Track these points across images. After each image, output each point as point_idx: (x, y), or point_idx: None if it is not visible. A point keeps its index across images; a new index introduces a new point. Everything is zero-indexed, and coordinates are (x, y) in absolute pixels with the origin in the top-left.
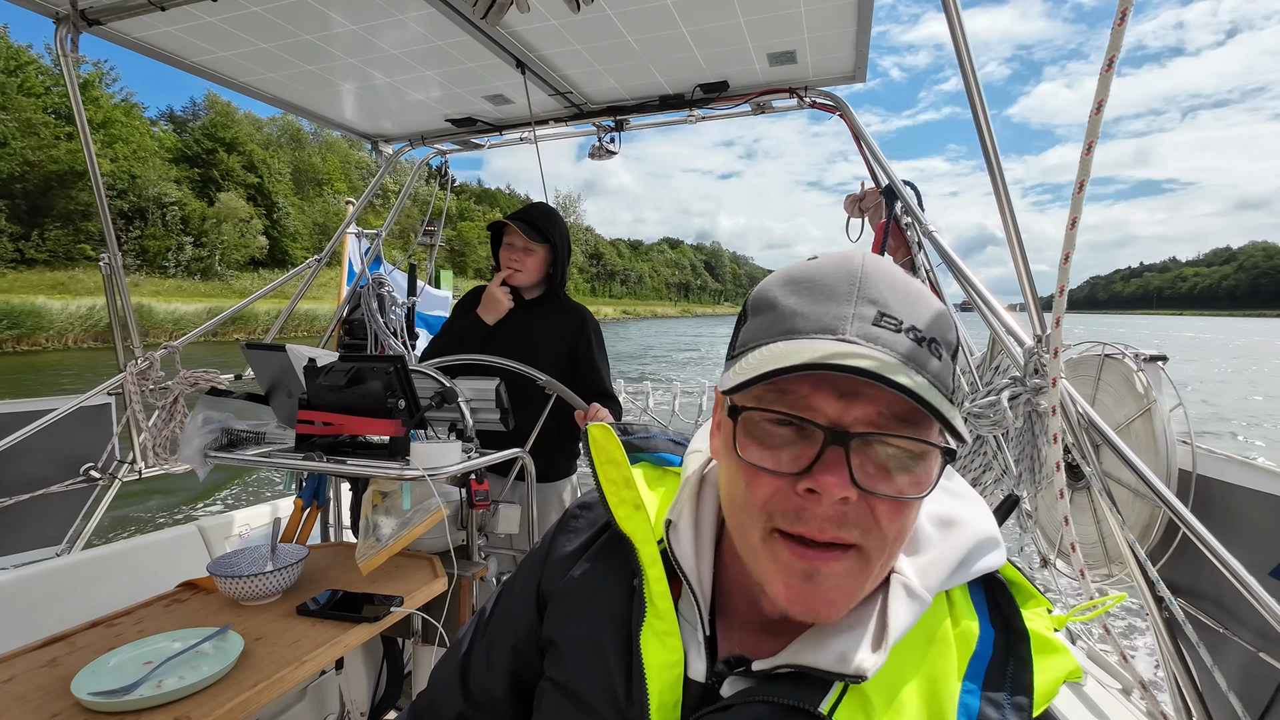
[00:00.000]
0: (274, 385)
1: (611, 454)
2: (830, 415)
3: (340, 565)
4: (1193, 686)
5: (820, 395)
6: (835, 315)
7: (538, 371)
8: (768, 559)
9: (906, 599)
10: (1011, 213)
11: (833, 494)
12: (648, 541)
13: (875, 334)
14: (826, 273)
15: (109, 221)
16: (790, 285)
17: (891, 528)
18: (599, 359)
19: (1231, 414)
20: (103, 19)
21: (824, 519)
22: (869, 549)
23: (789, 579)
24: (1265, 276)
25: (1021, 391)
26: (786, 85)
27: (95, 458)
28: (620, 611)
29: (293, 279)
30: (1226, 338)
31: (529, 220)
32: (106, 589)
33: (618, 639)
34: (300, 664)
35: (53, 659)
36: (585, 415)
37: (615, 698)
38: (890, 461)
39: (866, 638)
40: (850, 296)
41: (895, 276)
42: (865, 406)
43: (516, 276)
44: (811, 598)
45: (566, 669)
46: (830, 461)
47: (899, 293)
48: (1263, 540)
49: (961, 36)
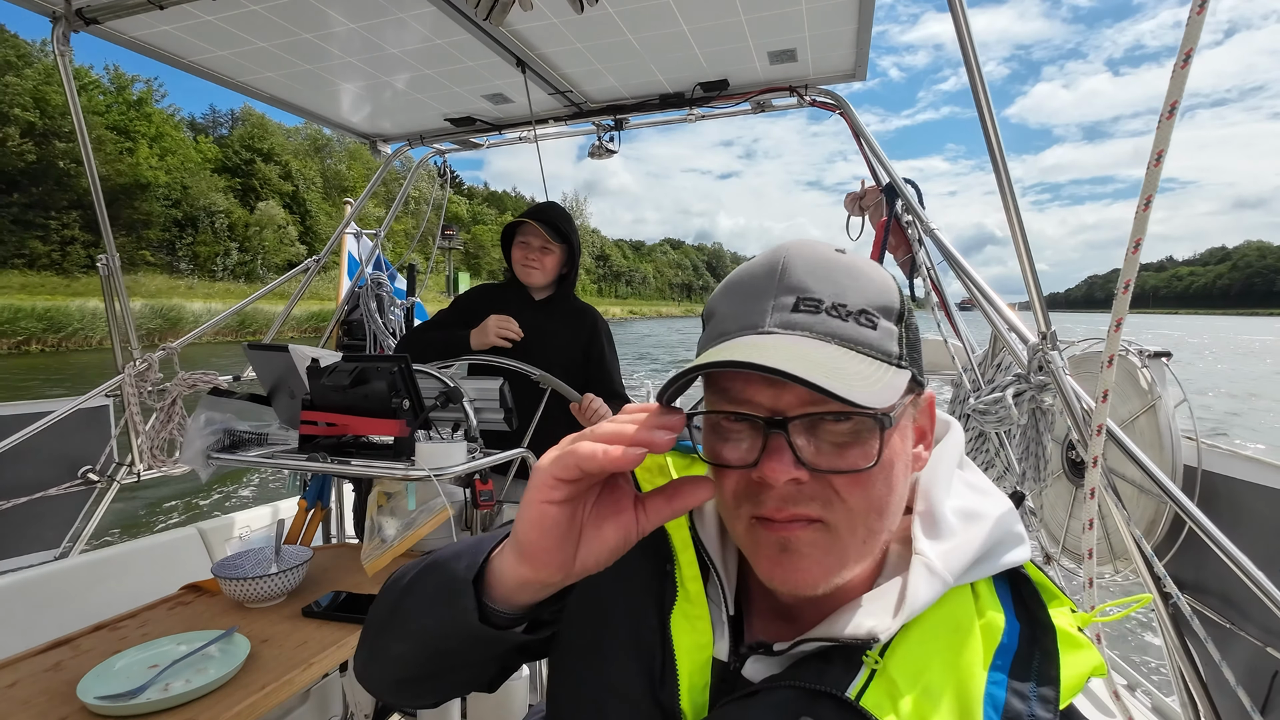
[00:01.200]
0: (276, 386)
1: None
2: (766, 405)
3: (344, 566)
4: (1199, 681)
5: (753, 387)
6: (756, 311)
7: (530, 367)
8: (751, 544)
9: (927, 576)
10: (1016, 210)
11: (777, 479)
12: (680, 526)
13: (794, 320)
14: (754, 271)
15: (106, 222)
16: (725, 289)
17: (856, 499)
18: (611, 361)
19: (1216, 410)
20: (100, 18)
21: (780, 498)
22: (833, 521)
23: (769, 553)
24: (1259, 276)
25: (1026, 388)
26: (787, 84)
27: (93, 460)
28: (652, 594)
29: (290, 280)
30: (1215, 337)
31: (549, 220)
32: (108, 592)
33: (649, 622)
34: (308, 666)
35: (57, 663)
36: (581, 407)
37: (646, 680)
38: (842, 438)
39: (884, 612)
40: (770, 289)
41: (818, 257)
42: (794, 391)
43: (533, 275)
44: (788, 567)
45: (595, 650)
46: (774, 449)
47: (821, 272)
48: (1269, 535)
49: (967, 33)
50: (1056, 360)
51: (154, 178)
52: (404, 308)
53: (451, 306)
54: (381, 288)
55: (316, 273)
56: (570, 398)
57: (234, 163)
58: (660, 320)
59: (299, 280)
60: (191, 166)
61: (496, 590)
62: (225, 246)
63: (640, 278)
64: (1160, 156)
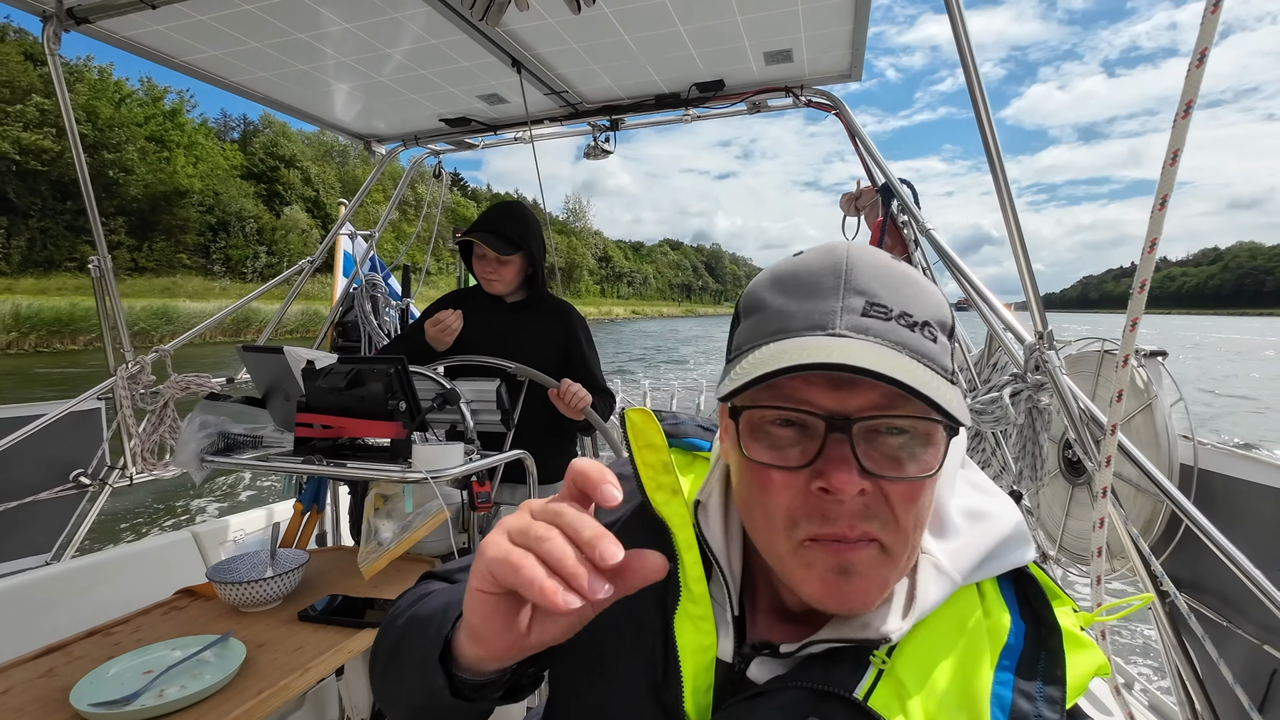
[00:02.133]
0: (271, 388)
1: (650, 438)
2: (828, 407)
3: (340, 570)
4: (1196, 679)
5: (815, 390)
6: (824, 310)
7: (506, 361)
8: (798, 565)
9: (936, 575)
10: (1013, 211)
11: (846, 491)
12: (684, 526)
13: (865, 325)
14: (812, 268)
15: (97, 223)
16: (777, 284)
17: (907, 516)
18: (591, 357)
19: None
20: (91, 17)
21: (851, 515)
22: (889, 543)
23: (825, 575)
24: (1249, 276)
25: (1022, 388)
26: (783, 84)
27: (85, 463)
28: (654, 594)
29: (284, 282)
30: (1200, 335)
31: (496, 231)
32: (101, 597)
33: (652, 622)
34: (304, 671)
35: (50, 669)
36: (559, 393)
37: (650, 681)
38: (899, 450)
39: (895, 613)
40: (837, 289)
41: (881, 263)
42: (863, 396)
43: (494, 286)
44: (846, 590)
45: (599, 651)
46: (836, 455)
47: (886, 280)
48: (1265, 533)
49: (964, 34)
50: (1053, 360)
51: (190, 185)
52: (399, 308)
53: (423, 315)
54: (376, 289)
55: (310, 274)
56: (547, 385)
57: (259, 169)
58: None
59: (298, 282)
60: (220, 174)
61: (462, 662)
62: (254, 250)
63: (641, 279)
64: (1176, 156)
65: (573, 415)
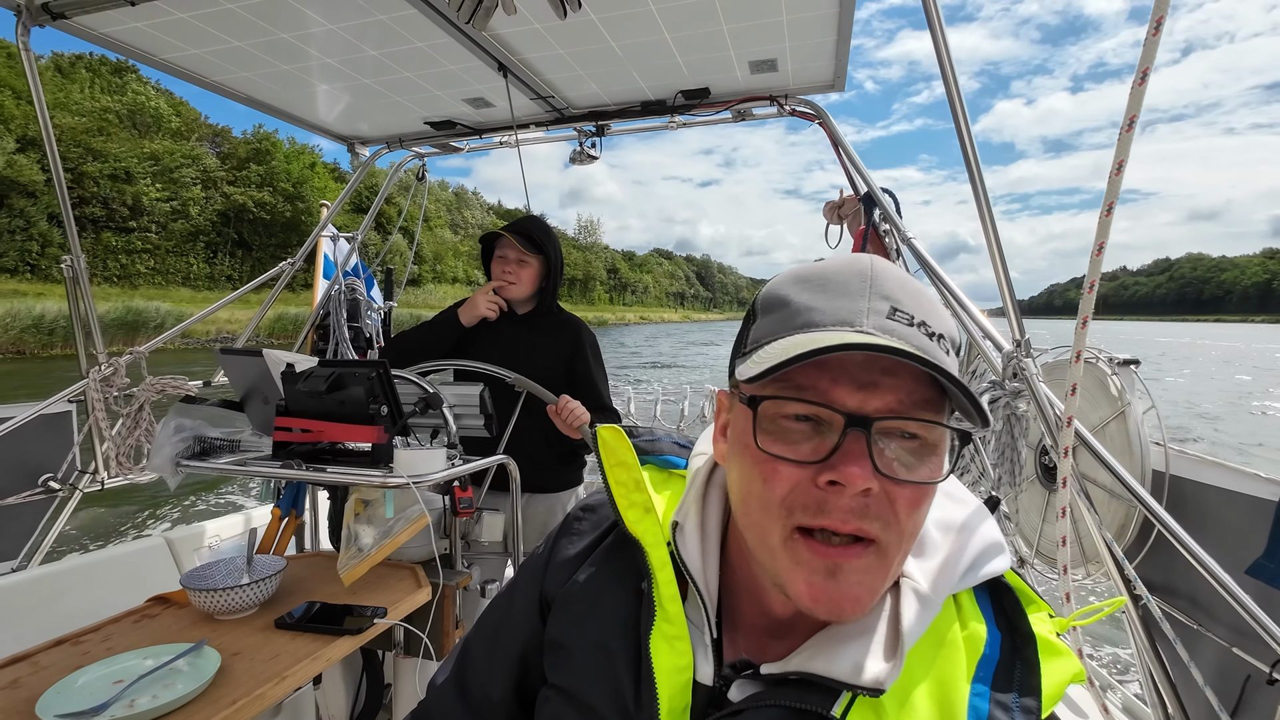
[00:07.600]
0: (250, 392)
1: (622, 456)
2: (850, 406)
3: (319, 576)
4: (1168, 682)
5: (839, 388)
6: (851, 309)
7: (506, 370)
8: (789, 560)
9: (918, 605)
10: (992, 219)
11: (856, 484)
12: (658, 544)
13: (891, 326)
14: (838, 271)
15: (71, 224)
16: (802, 283)
17: (909, 521)
18: (597, 374)
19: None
20: (67, 12)
21: (847, 510)
22: (887, 544)
23: (811, 577)
24: (1190, 286)
25: (1001, 395)
26: (767, 93)
27: (55, 468)
28: (628, 615)
29: (264, 284)
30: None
31: (524, 232)
32: (70, 605)
33: (626, 643)
34: (281, 680)
35: (14, 680)
36: (557, 409)
37: (623, 703)
38: (911, 455)
39: (879, 644)
40: (864, 292)
41: (903, 276)
42: (885, 396)
43: (510, 289)
44: (835, 595)
45: (572, 674)
46: (852, 451)
47: (908, 291)
48: (1234, 538)
49: (944, 45)
50: (1030, 367)
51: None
52: (381, 312)
53: (440, 314)
54: (355, 292)
55: (290, 276)
56: (546, 400)
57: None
58: (664, 325)
59: (278, 284)
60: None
61: None
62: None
63: (642, 288)
64: (1121, 166)
65: (569, 433)
